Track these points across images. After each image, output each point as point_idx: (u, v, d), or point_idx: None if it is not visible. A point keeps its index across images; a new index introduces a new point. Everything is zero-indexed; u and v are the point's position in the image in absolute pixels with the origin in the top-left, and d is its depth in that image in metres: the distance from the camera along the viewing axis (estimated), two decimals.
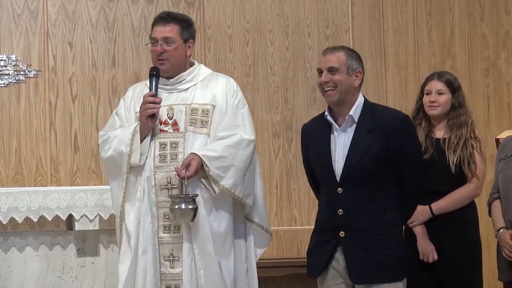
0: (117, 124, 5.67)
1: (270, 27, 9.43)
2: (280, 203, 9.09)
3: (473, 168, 5.82)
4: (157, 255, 5.48)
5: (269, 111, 9.19)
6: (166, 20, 5.65)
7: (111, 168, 5.62)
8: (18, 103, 9.12)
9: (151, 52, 5.69)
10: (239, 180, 5.52)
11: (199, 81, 5.67)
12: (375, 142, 5.11)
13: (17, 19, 9.17)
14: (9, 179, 8.96)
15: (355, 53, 5.31)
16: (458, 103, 5.94)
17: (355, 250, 5.11)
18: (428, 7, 9.38)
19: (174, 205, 5.37)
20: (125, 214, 5.55)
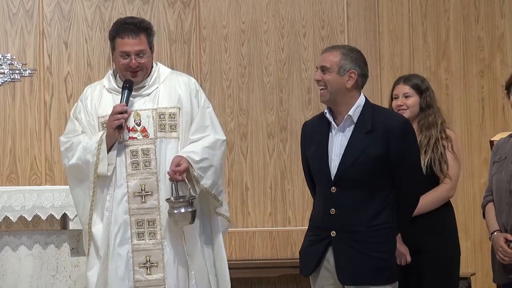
0: (79, 129, 5.54)
1: (266, 27, 9.43)
2: (275, 204, 9.09)
3: (445, 169, 5.82)
4: (131, 262, 5.42)
5: (264, 112, 9.19)
6: (135, 32, 5.49)
7: (75, 176, 5.53)
8: (13, 102, 9.12)
9: (121, 64, 5.51)
10: (216, 179, 5.53)
11: (161, 83, 5.60)
12: (374, 144, 5.09)
13: (12, 18, 9.17)
14: (3, 178, 8.96)
15: (355, 53, 5.26)
16: (426, 104, 5.95)
17: (345, 250, 5.10)
18: (423, 9, 9.39)
19: (173, 210, 5.36)
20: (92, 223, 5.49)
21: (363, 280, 5.08)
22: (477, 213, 6.16)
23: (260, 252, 8.95)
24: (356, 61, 5.21)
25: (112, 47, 5.59)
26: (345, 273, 5.10)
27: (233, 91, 9.35)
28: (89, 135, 5.46)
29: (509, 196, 5.61)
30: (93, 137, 5.42)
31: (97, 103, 5.55)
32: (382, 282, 5.06)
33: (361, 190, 5.10)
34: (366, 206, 5.09)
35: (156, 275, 5.40)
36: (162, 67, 5.70)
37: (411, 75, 6.22)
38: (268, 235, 8.85)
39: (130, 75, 5.49)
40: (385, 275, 5.07)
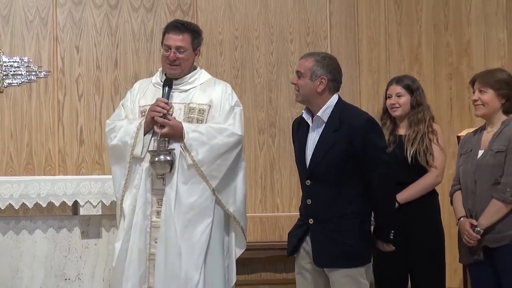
0: (123, 114, 5.63)
1: (257, 34, 9.43)
2: (264, 192, 9.09)
3: (430, 159, 5.82)
4: (148, 237, 5.42)
5: (255, 110, 9.19)
6: (180, 29, 5.58)
7: (115, 155, 5.58)
8: (29, 100, 9.10)
9: (163, 56, 5.61)
10: (209, 159, 5.43)
11: (198, 84, 5.63)
12: (340, 140, 5.07)
13: (29, 25, 9.15)
14: (21, 168, 8.94)
15: (328, 60, 5.24)
16: (416, 102, 5.95)
17: (320, 236, 5.10)
18: (398, 18, 9.39)
19: (154, 158, 5.32)
20: (124, 199, 5.50)
21: (332, 264, 5.08)
22: (445, 201, 6.15)
23: (251, 236, 8.93)
24: (327, 67, 5.19)
25: (162, 43, 5.70)
26: (318, 257, 5.12)
27: None
28: (130, 120, 5.48)
29: (474, 185, 5.62)
30: (133, 122, 5.45)
31: (141, 94, 5.59)
32: (349, 266, 5.04)
33: (332, 183, 5.08)
34: (336, 198, 5.07)
35: None
36: (205, 72, 5.75)
37: (403, 76, 6.20)
38: (259, 220, 8.84)
39: (168, 67, 5.53)
40: (352, 260, 5.04)
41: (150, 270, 5.39)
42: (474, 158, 5.66)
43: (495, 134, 5.63)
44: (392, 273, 5.85)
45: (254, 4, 9.45)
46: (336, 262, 5.08)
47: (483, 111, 5.71)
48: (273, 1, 9.46)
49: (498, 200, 5.48)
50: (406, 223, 5.77)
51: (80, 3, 9.21)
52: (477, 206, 5.58)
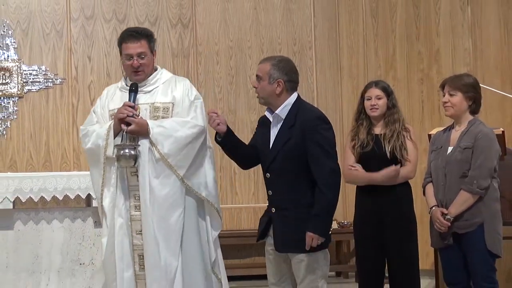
0: (94, 120, 5.40)
1: (249, 44, 9.42)
2: (257, 186, 9.08)
3: (405, 154, 5.79)
4: (130, 230, 5.30)
5: (248, 112, 9.19)
6: (136, 37, 5.32)
7: (91, 157, 5.37)
8: (47, 105, 9.08)
9: (126, 66, 5.34)
10: (174, 151, 5.24)
11: (161, 84, 5.46)
12: (294, 136, 4.95)
13: (46, 38, 9.13)
14: (39, 165, 8.93)
15: (283, 63, 5.06)
16: (391, 104, 5.90)
17: (280, 224, 4.99)
18: (375, 29, 9.40)
19: (119, 152, 5.15)
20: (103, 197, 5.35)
21: (290, 249, 4.97)
22: (417, 192, 6.13)
23: (245, 224, 8.94)
24: (283, 70, 5.02)
25: (120, 52, 5.42)
26: (278, 243, 5.01)
27: (223, 95, 9.34)
28: (101, 124, 5.34)
29: (444, 178, 5.61)
30: (104, 126, 5.27)
31: (109, 99, 5.43)
32: (304, 251, 4.92)
33: (287, 175, 4.96)
34: (292, 189, 4.95)
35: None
36: (165, 72, 5.54)
37: (379, 80, 6.14)
38: (252, 210, 8.84)
39: (133, 74, 5.35)
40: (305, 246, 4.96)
41: (134, 260, 5.26)
42: (444, 154, 5.65)
43: (462, 132, 5.62)
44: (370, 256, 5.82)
45: (246, 18, 9.44)
46: (292, 248, 4.98)
47: (452, 111, 5.69)
48: (263, 15, 9.46)
49: (466, 191, 5.47)
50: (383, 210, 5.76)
51: (92, 17, 9.20)
52: (447, 197, 5.56)
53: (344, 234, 8.71)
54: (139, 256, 5.27)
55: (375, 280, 5.84)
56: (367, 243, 5.79)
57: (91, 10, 9.20)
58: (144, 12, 9.29)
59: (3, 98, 8.98)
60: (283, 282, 5.13)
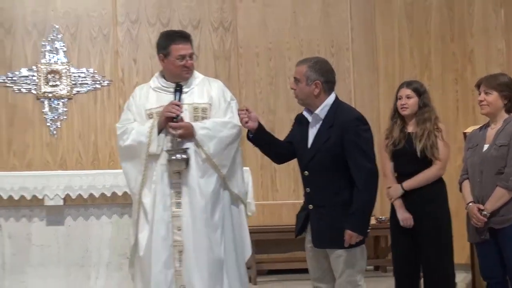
0: (131, 118, 5.42)
1: (288, 46, 9.41)
2: (297, 183, 9.04)
3: (436, 153, 5.75)
4: (170, 226, 5.30)
5: (287, 112, 9.16)
6: (187, 39, 5.37)
7: (128, 154, 5.35)
8: (95, 105, 9.14)
9: (177, 66, 5.33)
10: (219, 150, 5.27)
11: (195, 85, 5.48)
12: (332, 136, 4.90)
13: (93, 41, 9.19)
14: (88, 163, 8.98)
15: (319, 65, 5.01)
16: (423, 104, 5.87)
17: (317, 221, 4.96)
18: (410, 31, 9.34)
19: (170, 157, 5.19)
20: (142, 194, 5.34)
21: (328, 245, 4.95)
22: (453, 188, 6.08)
23: (286, 220, 8.92)
24: (320, 71, 4.97)
25: (165, 53, 5.37)
26: (316, 239, 4.98)
27: (264, 96, 9.34)
28: (141, 122, 5.34)
29: (480, 175, 5.58)
30: (146, 123, 5.28)
31: (144, 99, 5.42)
32: (342, 247, 4.90)
33: (325, 174, 4.92)
34: (329, 187, 4.90)
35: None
36: (197, 73, 5.56)
37: (412, 80, 6.12)
38: (292, 206, 8.79)
39: (184, 73, 5.37)
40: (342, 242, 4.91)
41: (175, 256, 5.25)
42: (480, 152, 5.62)
43: (498, 130, 5.59)
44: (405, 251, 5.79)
45: (285, 21, 9.43)
46: (330, 243, 4.94)
47: (487, 110, 5.66)
48: (302, 18, 9.44)
49: (501, 188, 5.44)
50: (418, 207, 5.73)
51: (137, 22, 9.24)
52: (483, 193, 5.53)
53: (381, 229, 8.66)
54: (179, 252, 5.27)
55: (411, 275, 5.82)
56: (403, 238, 5.78)
57: (136, 15, 9.24)
58: (187, 16, 9.31)
59: (53, 99, 9.05)
60: (324, 277, 5.11)
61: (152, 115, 5.34)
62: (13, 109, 8.99)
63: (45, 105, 9.04)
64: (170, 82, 5.41)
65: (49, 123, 9.03)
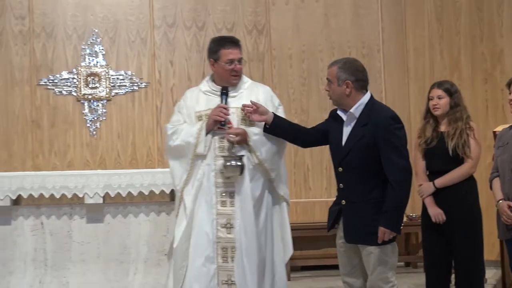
0: (181, 119, 5.49)
1: (320, 48, 9.37)
2: (329, 181, 9.03)
3: (467, 152, 5.70)
4: (215, 224, 5.34)
5: (319, 112, 9.12)
6: (237, 44, 5.44)
7: (176, 153, 5.42)
8: (133, 107, 9.16)
9: (226, 70, 5.39)
10: (270, 156, 5.32)
11: (244, 89, 5.52)
12: (367, 134, 4.89)
13: (131, 44, 9.22)
14: (127, 163, 9.02)
15: (349, 65, 5.01)
16: (454, 103, 5.83)
17: (350, 217, 4.95)
18: (440, 32, 9.26)
19: (226, 163, 5.23)
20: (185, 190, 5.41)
21: (359, 241, 4.93)
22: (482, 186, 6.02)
23: (318, 217, 8.89)
24: (349, 70, 4.97)
25: (215, 58, 5.43)
26: (348, 234, 4.98)
27: (296, 97, 9.32)
28: (191, 124, 5.41)
29: (510, 173, 5.53)
30: (195, 125, 5.36)
31: (194, 101, 5.47)
32: (373, 244, 4.88)
33: (358, 170, 4.91)
34: (362, 184, 4.90)
35: (232, 235, 5.32)
36: (245, 77, 5.60)
37: (444, 81, 6.07)
38: (325, 204, 8.75)
39: (233, 78, 5.42)
40: (374, 239, 4.90)
41: (218, 252, 5.31)
42: (510, 150, 5.57)
43: None
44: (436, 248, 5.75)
45: (317, 24, 9.40)
46: (362, 239, 4.94)
47: None
48: (333, 20, 9.40)
49: None
50: (448, 205, 5.68)
51: (173, 25, 9.26)
52: None
53: (412, 226, 8.60)
54: (223, 248, 5.31)
55: (442, 271, 5.78)
56: (433, 235, 5.75)
57: (173, 18, 9.26)
58: (221, 19, 9.31)
59: (93, 101, 9.09)
60: (354, 273, 5.10)
61: (202, 117, 5.41)
62: (54, 110, 9.06)
63: (85, 106, 9.09)
64: (219, 86, 5.47)
65: (89, 124, 9.07)
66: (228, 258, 5.32)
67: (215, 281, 5.29)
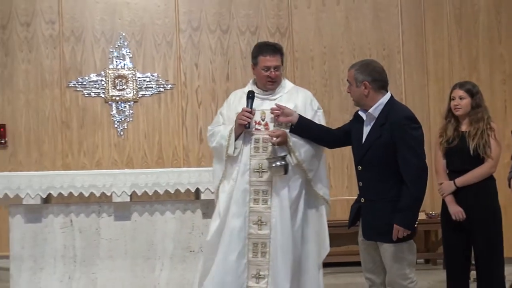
0: (221, 121, 5.56)
1: (341, 50, 9.35)
2: (350, 179, 9.01)
3: (488, 152, 5.66)
4: (247, 220, 5.38)
5: (340, 112, 9.11)
6: (274, 51, 5.44)
7: (215, 154, 5.53)
8: (159, 108, 9.19)
9: (262, 76, 5.44)
10: (308, 157, 5.33)
11: (284, 93, 5.54)
12: (384, 134, 4.87)
13: (157, 47, 9.24)
14: (153, 162, 9.04)
15: (365, 66, 5.00)
16: (475, 104, 5.78)
17: (368, 214, 4.94)
18: (459, 34, 9.22)
19: (270, 164, 5.25)
20: (220, 187, 5.49)
21: (377, 238, 4.91)
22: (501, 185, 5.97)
23: (339, 215, 8.86)
24: (365, 71, 4.97)
25: (254, 62, 5.48)
26: (366, 231, 4.97)
27: (318, 97, 9.14)
28: (226, 126, 5.46)
29: None
30: (227, 127, 5.42)
31: (237, 103, 5.52)
32: (391, 241, 4.86)
33: (376, 169, 4.89)
34: (380, 182, 4.88)
35: (264, 231, 5.34)
36: (288, 82, 5.63)
37: (465, 82, 6.02)
38: (346, 202, 8.72)
39: (268, 84, 5.47)
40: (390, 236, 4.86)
41: (249, 247, 5.35)
42: None
43: None
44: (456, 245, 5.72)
45: (338, 26, 9.37)
46: (379, 236, 4.92)
47: None
48: (354, 23, 9.38)
49: None
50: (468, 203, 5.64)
51: (198, 29, 9.27)
52: None
53: (432, 224, 8.56)
54: (254, 244, 5.36)
55: (461, 267, 5.74)
56: (453, 233, 5.71)
57: (198, 22, 9.28)
58: (245, 23, 9.32)
59: (120, 102, 9.13)
60: (375, 269, 5.08)
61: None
62: (83, 112, 9.10)
63: (113, 108, 9.12)
64: (260, 89, 5.52)
65: (117, 125, 9.11)
66: (258, 253, 5.36)
67: (245, 275, 5.35)
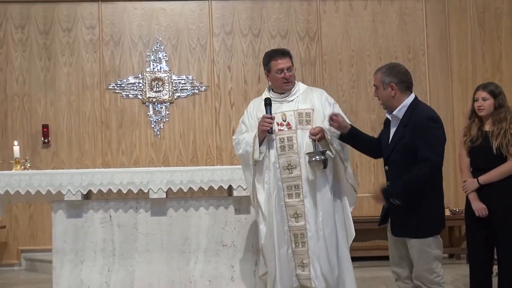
0: (243, 130, 5.65)
1: (368, 53, 9.31)
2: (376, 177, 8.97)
3: (511, 150, 5.59)
4: (285, 215, 5.46)
5: (367, 113, 9.07)
6: (284, 54, 5.56)
7: (243, 161, 5.62)
8: (193, 108, 9.21)
9: (277, 79, 5.53)
10: (342, 148, 5.42)
11: (300, 94, 5.60)
12: (407, 134, 4.84)
13: (192, 51, 9.27)
14: (188, 161, 9.07)
15: (391, 69, 4.98)
16: (498, 105, 5.70)
17: (395, 211, 4.89)
18: (482, 37, 9.14)
19: (311, 159, 5.30)
20: (256, 192, 5.54)
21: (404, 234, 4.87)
22: None
23: (367, 211, 8.84)
24: (391, 73, 4.94)
25: (267, 69, 5.59)
26: (394, 228, 4.95)
27: (346, 99, 9.27)
28: (249, 133, 5.53)
29: None
30: (251, 134, 5.50)
31: (257, 109, 5.61)
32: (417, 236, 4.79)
33: (401, 168, 4.83)
34: None
35: (301, 223, 5.42)
36: (301, 84, 5.72)
37: (489, 83, 5.95)
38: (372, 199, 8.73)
39: (285, 85, 5.54)
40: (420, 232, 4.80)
41: (291, 238, 5.47)
42: None
43: None
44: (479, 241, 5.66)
45: (365, 30, 9.34)
46: (406, 233, 4.88)
47: None
48: (381, 27, 9.33)
49: None
50: (491, 200, 5.59)
51: (231, 33, 9.28)
52: None
53: (456, 220, 8.50)
54: (294, 235, 5.47)
55: (485, 262, 5.68)
56: (477, 228, 5.65)
57: (230, 27, 9.29)
58: (275, 27, 9.31)
59: (157, 103, 9.17)
60: (401, 263, 5.06)
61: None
62: (121, 112, 9.16)
63: (150, 108, 9.16)
64: (276, 93, 5.60)
65: (153, 125, 9.15)
66: (299, 243, 5.48)
67: (292, 264, 5.49)
